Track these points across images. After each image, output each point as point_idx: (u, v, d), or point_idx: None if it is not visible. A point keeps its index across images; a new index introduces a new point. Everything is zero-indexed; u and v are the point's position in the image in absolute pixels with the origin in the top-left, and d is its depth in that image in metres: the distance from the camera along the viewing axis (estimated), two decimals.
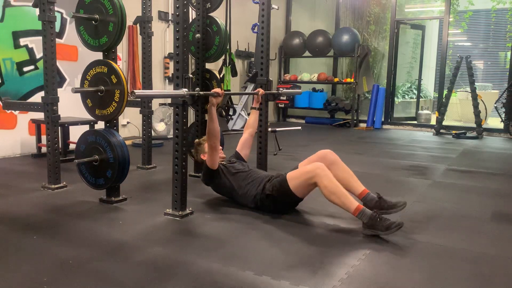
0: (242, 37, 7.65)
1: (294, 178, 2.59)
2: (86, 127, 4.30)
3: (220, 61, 4.62)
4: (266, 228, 2.53)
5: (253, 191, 2.77)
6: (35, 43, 4.72)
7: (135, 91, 2.29)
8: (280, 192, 2.65)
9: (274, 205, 2.73)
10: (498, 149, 6.04)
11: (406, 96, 9.74)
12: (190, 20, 3.23)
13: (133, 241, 2.29)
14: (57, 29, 4.84)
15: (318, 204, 2.97)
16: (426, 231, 2.54)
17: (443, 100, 7.52)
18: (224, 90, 3.53)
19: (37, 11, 3.17)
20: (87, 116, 3.05)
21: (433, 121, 8.10)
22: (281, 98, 8.46)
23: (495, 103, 7.57)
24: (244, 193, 2.81)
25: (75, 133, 4.13)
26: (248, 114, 6.43)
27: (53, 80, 3.24)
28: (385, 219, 2.39)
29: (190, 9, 3.01)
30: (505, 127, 7.41)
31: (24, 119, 4.66)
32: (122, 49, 5.64)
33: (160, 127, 5.92)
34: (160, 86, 6.38)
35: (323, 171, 2.48)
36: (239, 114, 7.16)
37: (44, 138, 3.95)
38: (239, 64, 7.95)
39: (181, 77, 2.59)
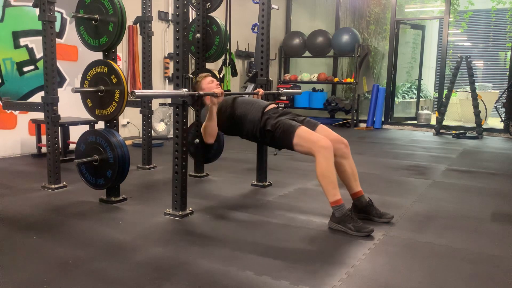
0: (242, 37, 7.65)
1: (300, 137, 2.58)
2: (86, 127, 4.30)
3: (220, 61, 4.61)
4: (266, 228, 2.53)
5: (256, 116, 2.78)
6: (35, 43, 4.72)
7: (135, 91, 2.29)
8: (281, 135, 2.66)
9: (271, 140, 2.76)
10: (498, 149, 6.04)
11: (406, 96, 9.75)
12: (190, 20, 3.23)
13: (133, 241, 2.29)
14: (57, 29, 4.84)
15: (318, 204, 2.97)
16: (426, 231, 2.54)
17: (443, 100, 7.51)
18: (224, 90, 3.53)
19: (37, 11, 3.17)
20: (87, 116, 3.05)
21: (433, 121, 8.10)
22: (281, 98, 8.44)
23: (495, 103, 7.57)
24: (248, 118, 2.82)
25: (75, 133, 4.13)
26: None
27: (53, 80, 3.24)
28: (358, 221, 2.44)
29: (190, 9, 3.01)
30: (505, 127, 7.41)
31: (24, 119, 4.66)
32: (122, 49, 5.63)
33: (160, 127, 5.92)
34: (160, 86, 6.38)
35: (328, 151, 2.47)
36: None
37: (44, 138, 3.95)
38: (239, 64, 7.95)
39: (181, 77, 2.60)
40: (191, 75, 2.62)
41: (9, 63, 4.54)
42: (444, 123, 7.62)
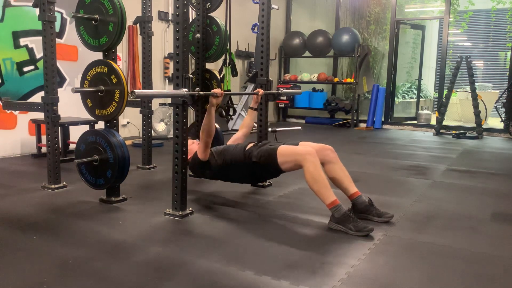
0: (242, 37, 7.65)
1: (283, 155, 2.62)
2: (86, 127, 4.30)
3: (220, 61, 4.62)
4: (266, 228, 2.53)
5: (239, 157, 2.81)
6: (35, 43, 4.72)
7: (135, 91, 2.29)
8: (266, 161, 2.68)
9: (261, 171, 2.78)
10: (498, 149, 6.04)
11: (406, 96, 9.75)
12: (190, 20, 3.23)
13: (133, 241, 2.29)
14: (57, 29, 4.84)
15: (318, 204, 2.97)
16: (426, 231, 2.54)
17: (443, 100, 7.52)
18: (224, 90, 3.53)
19: (37, 11, 3.17)
20: (87, 116, 3.05)
21: (433, 121, 8.10)
22: (281, 98, 8.45)
23: (495, 103, 7.57)
24: (233, 161, 2.83)
25: (75, 133, 4.13)
26: None
27: (53, 80, 3.24)
28: (358, 220, 2.45)
29: (190, 9, 3.01)
30: (505, 127, 7.41)
31: (24, 119, 4.66)
32: (122, 49, 5.63)
33: (160, 127, 5.92)
34: (160, 86, 6.38)
35: (312, 156, 2.51)
36: (239, 114, 7.16)
37: (44, 138, 3.95)
38: (239, 64, 7.95)
39: (181, 77, 2.59)
40: (191, 75, 2.62)
41: (9, 63, 4.54)
42: (444, 123, 7.62)
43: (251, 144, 2.92)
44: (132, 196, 3.08)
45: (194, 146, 3.05)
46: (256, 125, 3.54)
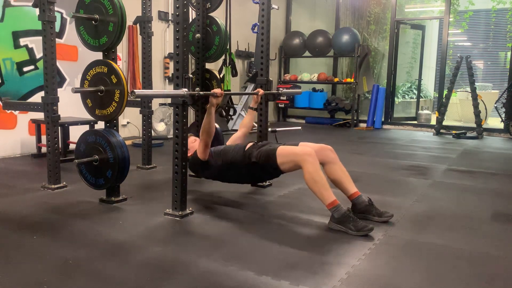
0: (242, 37, 7.65)
1: (282, 156, 2.62)
2: (86, 127, 4.30)
3: (220, 61, 4.62)
4: (266, 228, 2.53)
5: (239, 157, 2.81)
6: (35, 43, 4.72)
7: (135, 91, 2.29)
8: (266, 162, 2.69)
9: (260, 172, 2.80)
10: (498, 149, 6.04)
11: (406, 96, 9.74)
12: (190, 20, 3.23)
13: (133, 241, 2.29)
14: (57, 29, 4.84)
15: (318, 204, 2.97)
16: (426, 231, 2.54)
17: (443, 100, 7.52)
18: (224, 90, 3.53)
19: (37, 11, 3.17)
20: (87, 116, 3.05)
21: (433, 121, 8.10)
22: (281, 98, 8.44)
23: (495, 103, 7.57)
24: (233, 161, 2.83)
25: (75, 133, 4.12)
26: None
27: (53, 80, 3.24)
28: (358, 220, 2.44)
29: (190, 9, 3.01)
30: (505, 127, 7.41)
31: (24, 119, 4.66)
32: (122, 49, 5.63)
33: (160, 127, 5.92)
34: (160, 86, 6.38)
35: (311, 157, 2.51)
36: (239, 114, 7.16)
37: (44, 138, 3.95)
38: (239, 64, 7.95)
39: (181, 77, 2.59)
40: (191, 75, 2.62)
41: (9, 63, 4.54)
42: (444, 123, 7.62)
43: (250, 144, 2.92)
44: (132, 196, 3.08)
45: (196, 144, 3.05)
46: (256, 125, 3.54)
